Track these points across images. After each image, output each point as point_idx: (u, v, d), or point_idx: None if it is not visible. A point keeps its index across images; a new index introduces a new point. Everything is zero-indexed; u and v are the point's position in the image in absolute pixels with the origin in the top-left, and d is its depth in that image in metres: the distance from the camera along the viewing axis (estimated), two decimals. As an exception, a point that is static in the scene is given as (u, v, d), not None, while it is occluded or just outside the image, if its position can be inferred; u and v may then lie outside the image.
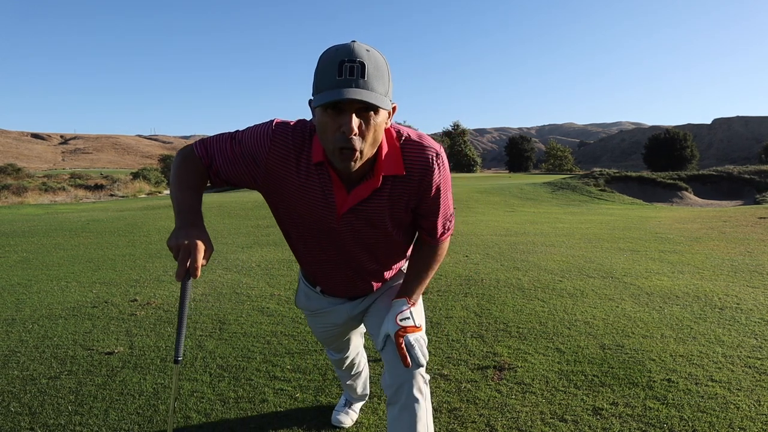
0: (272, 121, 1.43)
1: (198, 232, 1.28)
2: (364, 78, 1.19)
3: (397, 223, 1.49)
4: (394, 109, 1.33)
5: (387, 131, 1.39)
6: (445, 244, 1.61)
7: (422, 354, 1.44)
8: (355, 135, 1.22)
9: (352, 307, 1.75)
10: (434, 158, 1.40)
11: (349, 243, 1.51)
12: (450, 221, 1.57)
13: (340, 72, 1.18)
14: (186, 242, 1.25)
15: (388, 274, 1.70)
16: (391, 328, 1.46)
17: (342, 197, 1.40)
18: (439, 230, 1.55)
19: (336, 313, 1.77)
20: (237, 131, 1.46)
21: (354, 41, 1.24)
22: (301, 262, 1.69)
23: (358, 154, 1.26)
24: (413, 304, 1.53)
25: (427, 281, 1.60)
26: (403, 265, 1.75)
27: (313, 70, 1.26)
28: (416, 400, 1.47)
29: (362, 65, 1.19)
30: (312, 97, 1.27)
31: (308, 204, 1.43)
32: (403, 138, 1.40)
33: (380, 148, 1.36)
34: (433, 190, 1.44)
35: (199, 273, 1.25)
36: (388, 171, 1.37)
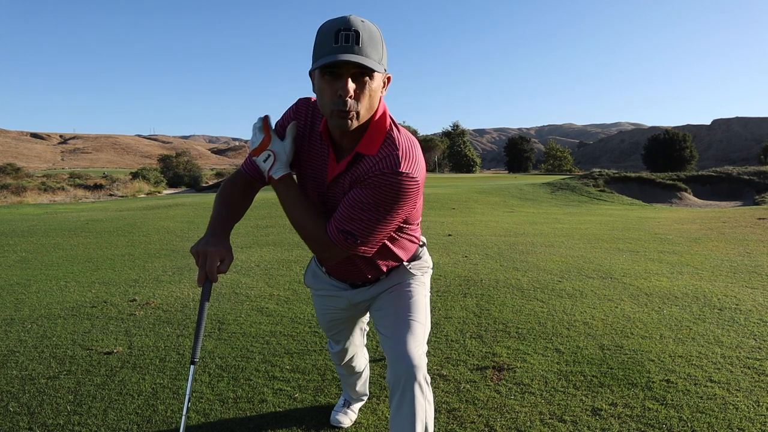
0: (297, 99, 1.58)
1: (218, 241, 1.43)
2: (359, 45, 1.28)
3: None
4: (388, 79, 1.42)
5: (384, 115, 1.44)
6: (328, 241, 1.46)
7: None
8: (350, 97, 1.30)
9: (353, 295, 1.77)
10: (393, 163, 1.36)
11: None
12: (352, 231, 1.42)
13: (336, 40, 1.27)
14: (205, 249, 1.39)
15: (382, 264, 1.67)
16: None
17: (332, 167, 1.49)
18: (336, 223, 1.44)
19: (338, 298, 1.81)
20: None
21: (350, 15, 1.32)
22: None
23: (354, 113, 1.33)
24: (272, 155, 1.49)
25: (289, 206, 1.49)
26: (402, 261, 1.72)
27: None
28: (415, 395, 1.48)
29: (357, 33, 1.28)
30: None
31: (312, 171, 1.55)
32: (394, 134, 1.41)
33: (370, 125, 1.41)
34: (369, 181, 1.38)
35: (215, 277, 1.38)
36: (362, 149, 1.42)
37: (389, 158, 1.37)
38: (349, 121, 1.34)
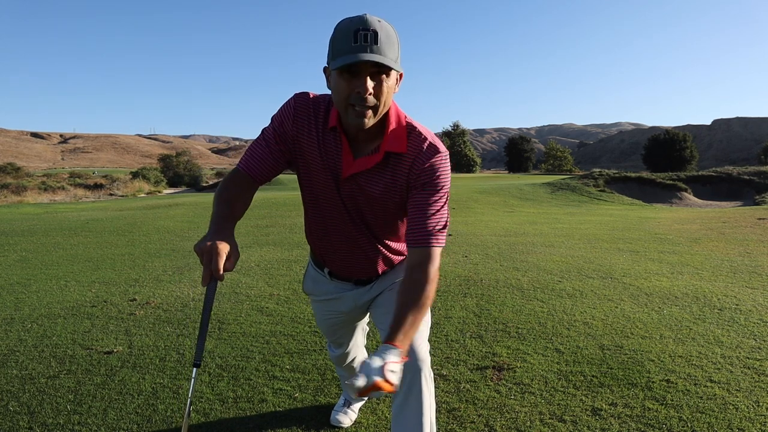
0: (294, 94, 1.56)
1: (222, 238, 1.33)
2: (377, 44, 1.30)
3: (393, 202, 1.54)
4: (401, 76, 1.45)
5: (397, 112, 1.48)
6: (435, 263, 1.43)
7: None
8: (369, 95, 1.34)
9: (358, 295, 1.76)
10: (433, 151, 1.46)
11: (351, 213, 1.57)
12: (439, 226, 1.45)
13: (355, 39, 1.30)
14: (210, 246, 1.29)
15: (394, 258, 1.72)
16: (374, 372, 1.16)
17: (348, 163, 1.49)
18: (429, 231, 1.43)
19: (342, 300, 1.79)
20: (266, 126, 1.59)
21: (366, 14, 1.34)
22: (312, 238, 1.74)
23: (370, 111, 1.37)
24: (404, 358, 1.27)
25: (419, 316, 1.36)
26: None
27: (327, 44, 1.37)
28: (422, 389, 1.49)
29: (375, 33, 1.31)
30: (327, 65, 1.40)
31: (321, 167, 1.52)
32: (414, 126, 1.49)
33: (388, 124, 1.45)
34: (424, 179, 1.45)
35: (221, 275, 1.27)
36: (390, 147, 1.45)
37: (430, 148, 1.46)
38: (366, 120, 1.37)
